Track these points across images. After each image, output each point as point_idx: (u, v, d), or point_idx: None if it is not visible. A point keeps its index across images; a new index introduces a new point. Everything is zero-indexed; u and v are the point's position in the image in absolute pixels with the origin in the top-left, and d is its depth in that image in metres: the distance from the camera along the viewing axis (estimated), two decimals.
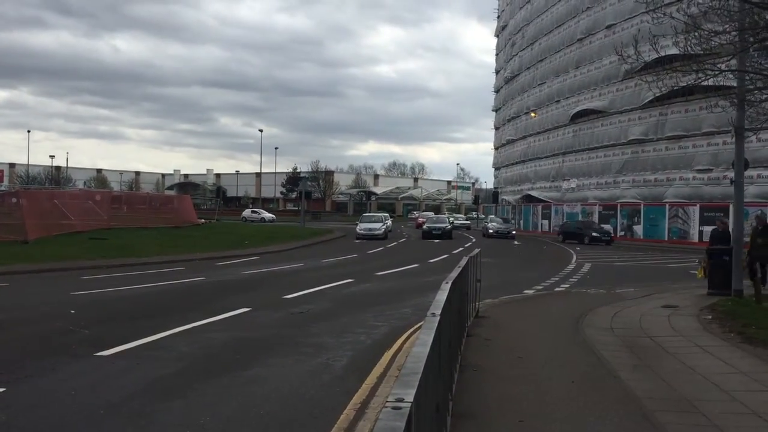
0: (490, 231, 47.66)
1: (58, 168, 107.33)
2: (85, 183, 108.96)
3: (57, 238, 27.83)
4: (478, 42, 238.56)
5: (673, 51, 13.95)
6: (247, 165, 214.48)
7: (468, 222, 66.85)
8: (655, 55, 13.56)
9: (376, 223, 42.84)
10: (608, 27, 47.66)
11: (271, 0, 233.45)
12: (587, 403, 6.36)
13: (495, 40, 79.53)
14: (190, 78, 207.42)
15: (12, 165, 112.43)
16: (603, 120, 48.85)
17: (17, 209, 29.59)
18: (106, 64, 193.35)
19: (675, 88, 13.92)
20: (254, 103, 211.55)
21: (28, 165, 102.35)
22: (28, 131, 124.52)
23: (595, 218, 47.90)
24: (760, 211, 22.25)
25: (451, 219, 55.79)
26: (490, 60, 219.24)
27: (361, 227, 42.24)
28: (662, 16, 11.81)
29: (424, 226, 45.69)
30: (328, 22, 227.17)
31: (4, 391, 6.63)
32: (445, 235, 42.75)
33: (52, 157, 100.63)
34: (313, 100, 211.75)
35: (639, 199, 44.46)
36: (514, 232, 48.52)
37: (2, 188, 76.85)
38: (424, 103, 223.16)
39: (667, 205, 41.70)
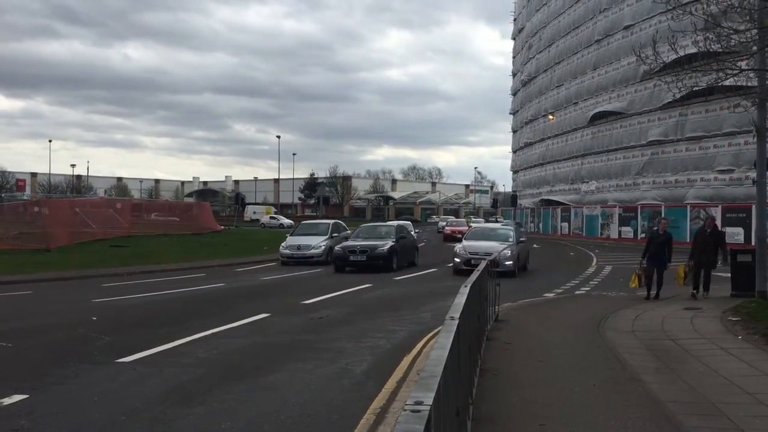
0: None
1: (78, 177, 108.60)
2: (105, 191, 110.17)
3: (78, 246, 28.13)
4: (488, 44, 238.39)
5: (693, 50, 13.79)
6: (263, 171, 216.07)
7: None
8: (674, 56, 13.38)
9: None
10: (626, 28, 47.31)
11: (277, 5, 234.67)
12: (609, 407, 6.29)
13: (506, 42, 79.93)
14: (202, 85, 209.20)
15: (34, 174, 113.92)
16: (622, 121, 48.45)
17: (40, 218, 30.01)
18: (118, 73, 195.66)
19: (695, 88, 13.78)
20: (267, 109, 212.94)
21: (49, 174, 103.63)
22: (49, 141, 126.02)
23: (615, 220, 47.47)
24: None
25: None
26: (501, 62, 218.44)
27: (290, 243, 25.83)
28: (681, 14, 11.70)
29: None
30: (336, 27, 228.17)
31: (27, 397, 6.69)
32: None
33: (73, 166, 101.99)
34: (325, 105, 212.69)
35: (660, 201, 44.01)
36: (523, 239, 46.34)
37: (25, 197, 77.85)
38: (437, 107, 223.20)
39: (688, 207, 41.23)
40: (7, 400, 6.54)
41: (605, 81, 50.61)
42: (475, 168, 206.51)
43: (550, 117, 59.77)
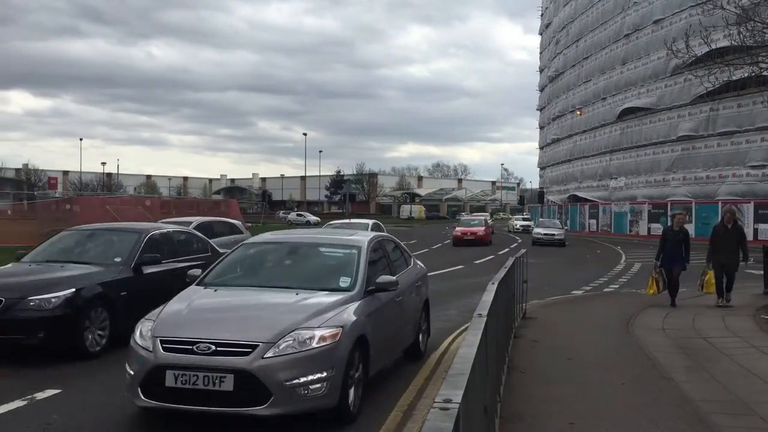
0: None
1: (109, 174, 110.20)
2: (135, 189, 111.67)
3: None
4: (511, 39, 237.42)
5: (725, 44, 13.59)
6: (288, 168, 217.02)
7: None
8: (705, 49, 13.20)
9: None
10: (656, 22, 46.65)
11: (298, 2, 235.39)
12: (639, 406, 6.22)
13: (529, 37, 79.47)
14: (225, 83, 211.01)
15: (65, 172, 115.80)
16: (651, 117, 47.82)
17: (71, 216, 30.54)
18: (142, 71, 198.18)
19: (727, 81, 13.57)
20: (291, 107, 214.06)
21: (80, 172, 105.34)
22: (80, 139, 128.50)
23: (644, 217, 46.90)
24: None
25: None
26: (524, 57, 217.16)
27: None
28: (713, 8, 11.52)
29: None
30: (356, 23, 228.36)
31: (59, 392, 6.80)
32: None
33: (103, 164, 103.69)
34: (348, 102, 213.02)
35: (690, 197, 43.37)
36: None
37: (57, 195, 79.21)
38: (461, 103, 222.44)
39: (719, 203, 40.57)
40: (40, 394, 6.65)
41: (634, 76, 49.98)
42: (502, 165, 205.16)
43: (578, 113, 59.22)
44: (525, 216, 66.50)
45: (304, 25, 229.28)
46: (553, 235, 37.31)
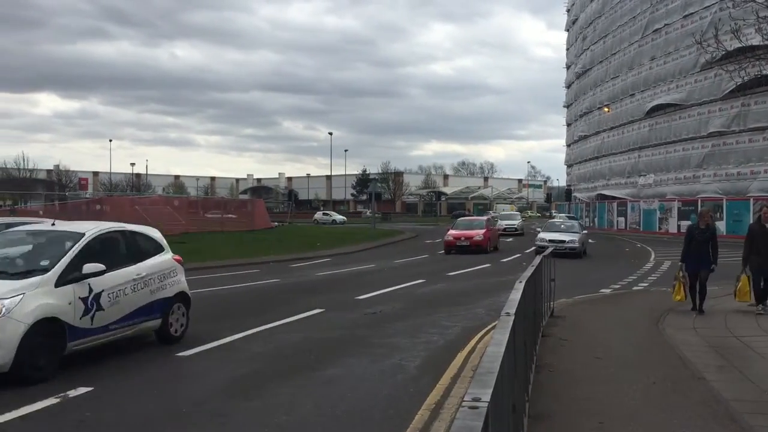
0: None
1: (138, 175, 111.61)
2: (163, 189, 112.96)
3: None
4: (534, 36, 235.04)
5: (756, 39, 13.34)
6: (313, 168, 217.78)
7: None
8: (736, 44, 12.95)
9: None
10: (685, 16, 45.98)
11: (319, 1, 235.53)
12: (670, 406, 6.14)
13: (552, 33, 78.83)
14: (249, 83, 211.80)
15: (96, 173, 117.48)
16: (681, 113, 47.13)
17: (102, 215, 31.00)
18: (167, 72, 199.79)
19: (758, 76, 13.32)
20: (314, 106, 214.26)
21: (110, 173, 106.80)
22: (110, 140, 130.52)
23: (674, 214, 46.27)
24: None
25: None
26: (548, 54, 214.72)
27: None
28: (743, 1, 11.32)
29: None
30: (378, 22, 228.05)
31: (92, 390, 6.91)
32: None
33: (132, 164, 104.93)
34: (372, 100, 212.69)
35: (721, 194, 42.67)
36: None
37: (87, 196, 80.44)
38: (485, 101, 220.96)
39: (751, 200, 39.86)
40: (72, 392, 6.77)
41: (663, 72, 49.31)
42: (528, 162, 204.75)
43: (606, 109, 58.57)
44: (569, 215, 57.67)
45: (325, 24, 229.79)
46: (564, 242, 26.22)
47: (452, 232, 30.08)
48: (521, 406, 4.73)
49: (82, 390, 6.86)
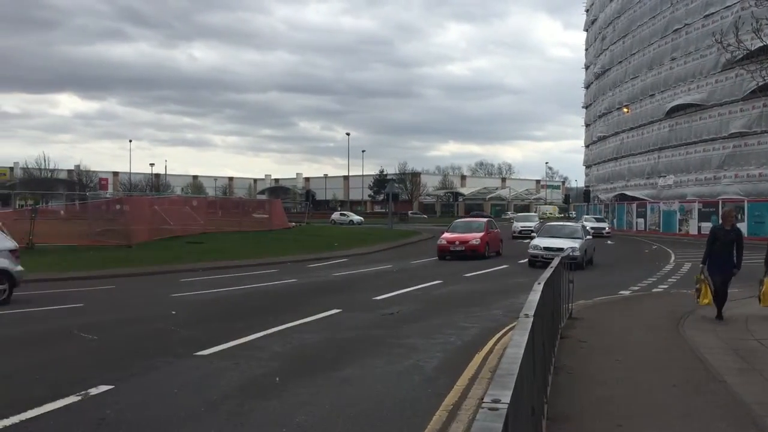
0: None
1: (157, 175, 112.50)
2: (182, 189, 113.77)
3: (157, 243, 29.14)
4: (551, 36, 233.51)
5: None
6: (330, 168, 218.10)
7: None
8: (758, 43, 12.79)
9: None
10: (706, 16, 45.54)
11: (335, 2, 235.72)
12: (690, 409, 6.09)
13: (569, 33, 78.69)
14: (266, 83, 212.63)
15: (115, 173, 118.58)
16: (701, 113, 46.66)
17: (122, 215, 31.29)
18: (185, 73, 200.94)
19: None
20: (331, 106, 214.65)
21: (130, 173, 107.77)
22: (130, 141, 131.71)
23: (695, 216, 45.84)
24: None
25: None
26: (565, 54, 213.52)
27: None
28: (765, 1, 11.19)
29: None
30: (394, 22, 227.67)
31: (112, 388, 6.98)
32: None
33: (151, 165, 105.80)
34: (388, 101, 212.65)
35: (742, 195, 42.19)
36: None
37: (107, 196, 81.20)
38: (502, 101, 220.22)
39: None
40: (93, 391, 6.84)
41: (683, 72, 48.86)
42: (546, 163, 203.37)
43: (625, 110, 58.14)
44: (597, 216, 54.98)
45: (341, 24, 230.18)
46: (561, 250, 18.01)
47: (446, 235, 27.08)
48: (540, 408, 4.71)
49: (103, 388, 6.93)
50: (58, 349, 9.18)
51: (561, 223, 29.47)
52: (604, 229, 47.33)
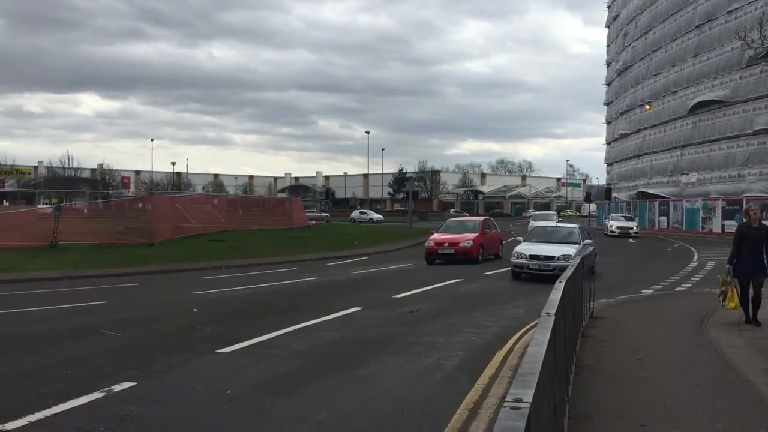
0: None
1: (178, 174, 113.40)
2: (203, 188, 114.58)
3: (179, 241, 29.35)
4: (570, 32, 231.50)
5: None
6: (349, 166, 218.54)
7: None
8: None
9: None
10: (729, 12, 44.96)
11: (352, 0, 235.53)
12: (715, 409, 6.02)
13: (589, 30, 78.05)
14: (285, 82, 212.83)
15: (137, 172, 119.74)
16: (725, 110, 46.09)
17: (144, 214, 31.59)
18: (204, 72, 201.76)
19: None
20: (350, 105, 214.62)
21: (152, 172, 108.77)
22: (152, 140, 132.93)
23: (718, 214, 45.31)
24: None
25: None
26: (585, 50, 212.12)
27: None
28: None
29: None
30: (412, 20, 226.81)
31: (136, 385, 7.05)
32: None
33: (173, 163, 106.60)
34: (407, 99, 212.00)
35: (767, 193, 41.65)
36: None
37: (129, 194, 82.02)
38: (521, 98, 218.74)
39: None
40: (117, 387, 6.92)
41: (707, 68, 48.29)
42: (567, 161, 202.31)
43: (647, 107, 57.58)
44: (626, 215, 52.05)
45: (359, 23, 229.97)
46: (552, 259, 17.42)
47: (436, 236, 24.20)
48: (561, 407, 4.69)
49: (126, 385, 7.01)
50: (82, 346, 9.30)
51: (554, 224, 25.07)
52: (632, 228, 44.42)
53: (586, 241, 18.04)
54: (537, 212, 55.02)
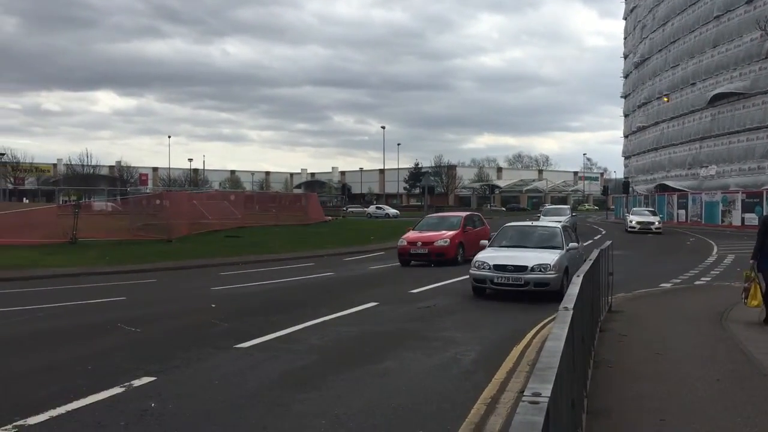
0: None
1: (195, 170, 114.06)
2: (220, 184, 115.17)
3: (196, 237, 29.55)
4: (586, 25, 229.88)
5: None
6: (365, 161, 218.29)
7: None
8: None
9: None
10: (748, 2, 44.38)
11: None
12: (734, 403, 5.97)
13: (605, 22, 77.36)
14: (300, 78, 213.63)
15: (155, 169, 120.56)
16: (745, 102, 45.57)
17: (162, 210, 31.81)
18: (219, 69, 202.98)
19: None
20: (365, 100, 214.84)
21: (169, 168, 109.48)
22: (169, 137, 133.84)
23: (738, 206, 44.86)
24: None
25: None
26: (602, 43, 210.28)
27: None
28: None
29: None
30: (426, 14, 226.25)
31: (155, 380, 7.12)
32: None
33: (190, 160, 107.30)
34: (422, 94, 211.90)
35: None
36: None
37: (147, 191, 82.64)
38: (537, 92, 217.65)
39: None
40: (137, 382, 6.98)
41: (726, 59, 47.75)
42: (584, 154, 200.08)
43: (665, 99, 57.08)
44: (650, 209, 48.34)
45: (373, 17, 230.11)
46: (524, 269, 13.14)
47: (410, 234, 21.53)
48: (580, 402, 4.68)
49: (145, 380, 7.07)
50: (102, 341, 9.39)
51: (530, 223, 18.13)
52: (654, 224, 40.21)
53: (571, 245, 14.68)
54: (549, 206, 49.96)
